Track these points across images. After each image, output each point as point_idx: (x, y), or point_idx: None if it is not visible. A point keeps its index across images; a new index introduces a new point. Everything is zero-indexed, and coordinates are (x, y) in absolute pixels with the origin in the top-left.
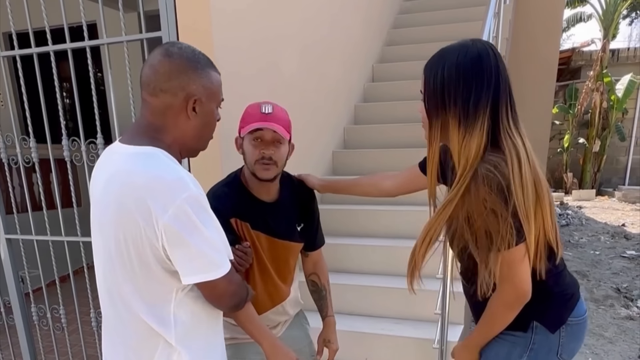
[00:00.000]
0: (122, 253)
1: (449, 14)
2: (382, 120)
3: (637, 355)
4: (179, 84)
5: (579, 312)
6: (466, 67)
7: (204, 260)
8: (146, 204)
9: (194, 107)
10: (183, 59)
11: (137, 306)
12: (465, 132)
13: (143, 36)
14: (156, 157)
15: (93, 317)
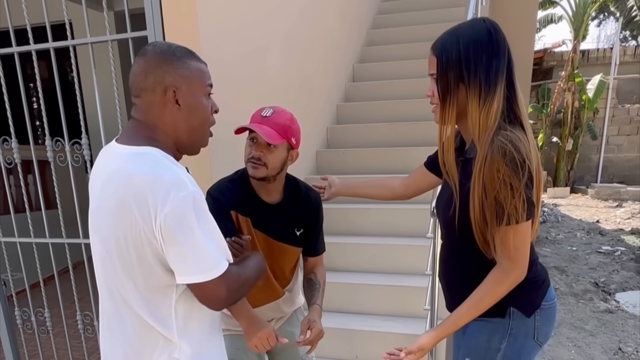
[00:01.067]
0: (122, 252)
1: (427, 14)
2: (363, 120)
3: (617, 347)
4: (154, 79)
5: (550, 297)
6: (483, 38)
7: (196, 262)
8: (145, 203)
9: (176, 100)
10: (156, 55)
11: (138, 304)
12: (486, 101)
13: (129, 35)
14: (154, 157)
15: (79, 320)
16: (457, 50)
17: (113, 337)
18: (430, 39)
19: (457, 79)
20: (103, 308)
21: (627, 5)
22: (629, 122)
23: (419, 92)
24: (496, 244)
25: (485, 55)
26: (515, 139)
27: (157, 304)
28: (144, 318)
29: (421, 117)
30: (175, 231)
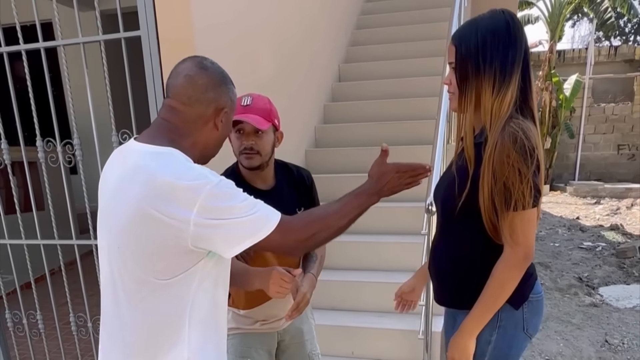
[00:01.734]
0: (139, 250)
1: (409, 15)
2: (351, 119)
3: (603, 339)
4: (213, 96)
5: (538, 290)
6: (501, 29)
7: (246, 227)
8: (173, 201)
9: (221, 120)
10: (217, 74)
11: (147, 304)
12: (500, 90)
13: (121, 35)
14: (175, 157)
15: (72, 322)
16: (475, 39)
17: (113, 338)
18: (413, 39)
19: (474, 68)
20: (105, 307)
21: (601, 7)
22: (605, 121)
23: (405, 92)
24: (504, 230)
25: (502, 46)
26: (526, 128)
27: (170, 304)
28: (151, 318)
29: (408, 116)
30: (214, 220)
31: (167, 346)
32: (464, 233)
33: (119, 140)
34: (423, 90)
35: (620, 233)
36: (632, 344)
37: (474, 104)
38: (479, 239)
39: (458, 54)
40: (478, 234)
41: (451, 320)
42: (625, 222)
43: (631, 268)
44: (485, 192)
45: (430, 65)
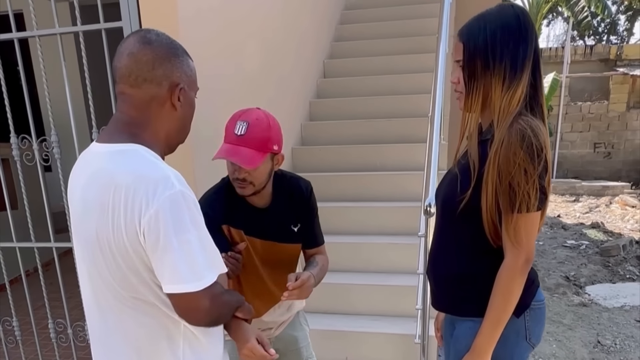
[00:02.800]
0: (108, 259)
1: (394, 10)
2: (337, 117)
3: (596, 340)
4: (163, 72)
5: (540, 297)
6: (511, 23)
7: (184, 269)
8: (129, 204)
9: (179, 97)
10: (163, 46)
11: (132, 317)
12: (510, 87)
13: (101, 26)
14: (138, 154)
15: (51, 328)
16: (484, 35)
17: (108, 350)
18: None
19: (483, 65)
20: (92, 324)
21: (578, 6)
22: (581, 119)
23: (393, 89)
24: (507, 232)
25: (513, 41)
26: (535, 126)
27: (152, 314)
28: (138, 339)
29: (397, 113)
30: (161, 234)
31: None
32: (465, 235)
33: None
34: (412, 88)
35: (602, 231)
36: (624, 344)
37: (481, 103)
38: (481, 241)
39: (466, 51)
40: (480, 236)
41: (450, 327)
42: (606, 220)
43: (616, 267)
44: (489, 191)
45: (418, 62)
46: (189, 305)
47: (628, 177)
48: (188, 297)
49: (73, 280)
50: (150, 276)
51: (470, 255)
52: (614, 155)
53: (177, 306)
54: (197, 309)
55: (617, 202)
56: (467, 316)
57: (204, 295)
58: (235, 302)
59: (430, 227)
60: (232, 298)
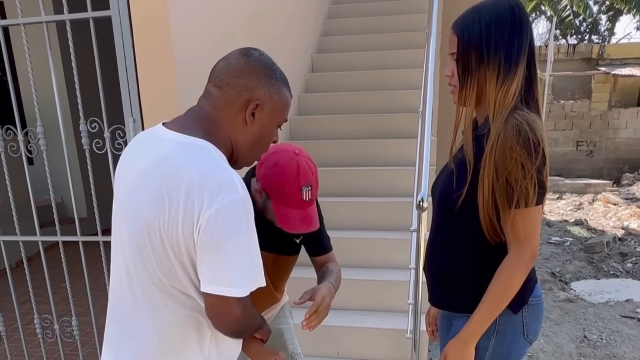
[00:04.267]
0: (157, 246)
1: (383, 5)
2: (325, 111)
3: (582, 335)
4: (247, 83)
5: (537, 293)
6: (506, 16)
7: (229, 272)
8: (191, 199)
9: (253, 112)
10: (260, 64)
11: (169, 312)
12: (505, 81)
13: (89, 15)
14: (209, 152)
15: (37, 323)
16: (478, 28)
17: (127, 336)
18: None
19: (478, 59)
20: (115, 302)
21: (561, 5)
22: (564, 118)
23: (382, 84)
24: (507, 229)
25: (508, 34)
26: (531, 120)
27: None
28: (168, 326)
29: (386, 109)
30: (217, 234)
31: (184, 356)
32: (463, 231)
33: (88, 129)
34: (400, 83)
35: (585, 228)
36: (610, 339)
37: (475, 96)
38: (478, 237)
39: (460, 43)
40: (478, 232)
41: (446, 324)
42: (589, 217)
43: (600, 263)
44: (486, 187)
45: (407, 57)
46: (223, 309)
47: (609, 175)
48: (225, 300)
49: (58, 276)
50: (194, 270)
51: (467, 252)
52: (596, 153)
53: (211, 307)
54: (229, 314)
55: (600, 200)
56: (464, 312)
57: (238, 302)
58: (261, 320)
59: (422, 222)
60: (259, 316)
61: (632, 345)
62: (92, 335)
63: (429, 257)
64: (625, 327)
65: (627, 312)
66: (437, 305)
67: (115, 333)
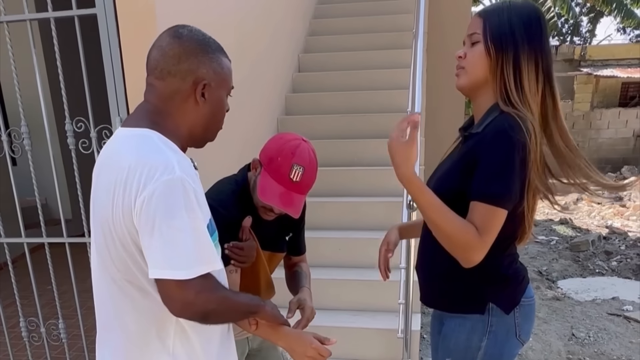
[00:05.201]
0: (110, 240)
1: (369, 6)
2: (313, 111)
3: (570, 333)
4: (188, 67)
5: (529, 294)
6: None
7: (169, 255)
8: (129, 186)
9: (203, 93)
10: (193, 42)
11: (130, 305)
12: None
13: (74, 13)
14: (148, 139)
15: (23, 326)
16: (507, 16)
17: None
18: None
19: (509, 42)
20: (97, 309)
21: (545, 7)
22: None
23: (370, 84)
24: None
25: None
26: (523, 117)
27: (155, 301)
28: (134, 322)
29: (372, 109)
30: (152, 217)
31: (148, 355)
32: None
33: (74, 128)
34: (387, 83)
35: (570, 227)
36: (597, 336)
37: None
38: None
39: (491, 25)
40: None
41: (437, 323)
42: (574, 216)
43: (586, 261)
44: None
45: (393, 57)
46: (168, 294)
47: None
48: (167, 284)
49: (43, 278)
50: (143, 260)
51: None
52: None
53: (160, 292)
54: (175, 298)
55: (584, 199)
56: (455, 312)
57: (185, 286)
58: (246, 305)
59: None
60: (240, 299)
61: (619, 342)
62: (80, 338)
63: (421, 255)
64: (612, 325)
65: (614, 309)
66: (428, 304)
67: (99, 336)
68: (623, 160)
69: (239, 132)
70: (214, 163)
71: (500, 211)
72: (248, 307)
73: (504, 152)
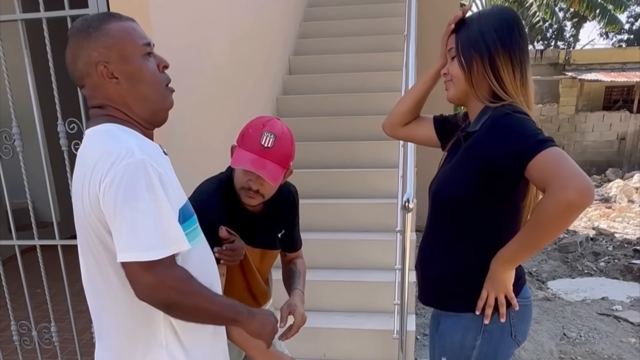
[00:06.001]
0: (88, 234)
1: (356, 9)
2: (304, 114)
3: (562, 333)
4: (83, 61)
5: (526, 295)
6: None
7: (130, 237)
8: (95, 178)
9: (109, 73)
10: (75, 35)
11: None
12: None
13: (67, 13)
14: (108, 132)
15: (14, 330)
16: (477, 26)
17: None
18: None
19: (476, 55)
20: (91, 306)
21: (530, 11)
22: None
23: (360, 86)
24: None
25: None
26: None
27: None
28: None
29: (364, 111)
30: (114, 201)
31: (142, 349)
32: (457, 231)
33: (66, 129)
34: (378, 85)
35: None
36: (588, 336)
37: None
38: (473, 237)
39: (457, 41)
40: (473, 231)
41: (435, 323)
42: None
43: (574, 262)
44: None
45: (384, 60)
46: (132, 276)
47: None
48: (131, 267)
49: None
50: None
51: (460, 251)
52: None
53: (127, 276)
54: (138, 281)
55: None
56: (452, 311)
57: (148, 269)
58: (223, 309)
59: (408, 222)
60: (216, 301)
61: (609, 342)
62: (72, 342)
63: (421, 255)
64: (602, 325)
65: (603, 309)
66: (426, 303)
67: (96, 333)
68: (607, 163)
69: (230, 134)
70: (204, 166)
71: (555, 149)
72: (226, 312)
73: (515, 120)
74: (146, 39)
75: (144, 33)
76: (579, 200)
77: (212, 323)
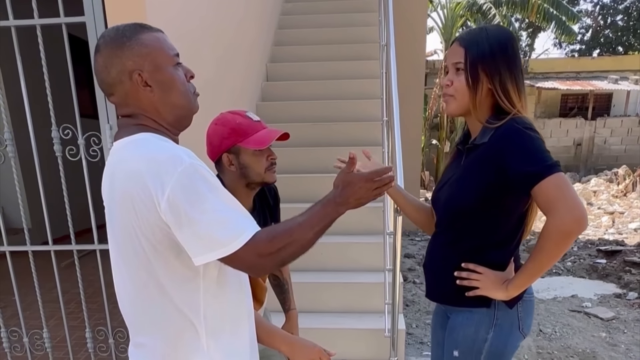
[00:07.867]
0: (137, 245)
1: (330, 18)
2: (283, 120)
3: (538, 329)
4: (116, 70)
5: (530, 290)
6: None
7: (211, 237)
8: (146, 188)
9: (143, 82)
10: (108, 44)
11: (163, 306)
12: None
13: (62, 20)
14: (147, 140)
15: (4, 336)
16: (488, 44)
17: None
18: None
19: (484, 72)
20: (132, 315)
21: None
22: None
23: (334, 93)
24: (541, 206)
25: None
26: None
27: (183, 299)
28: (162, 325)
29: (342, 117)
30: (182, 211)
31: (183, 353)
32: (467, 233)
33: (61, 135)
34: (354, 93)
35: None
36: (562, 331)
37: (473, 104)
38: (484, 238)
39: (468, 56)
40: (483, 233)
41: (441, 318)
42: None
43: None
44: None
45: (358, 68)
46: (238, 269)
47: None
48: (234, 258)
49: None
50: (176, 259)
51: (471, 252)
52: None
53: (234, 267)
54: (247, 268)
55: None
56: (463, 306)
57: (247, 250)
58: (316, 218)
59: (398, 225)
60: (305, 223)
61: (582, 336)
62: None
63: (430, 254)
64: (574, 321)
65: (574, 306)
66: (435, 300)
67: (132, 342)
68: (565, 168)
69: None
70: None
71: (560, 175)
72: (322, 220)
73: (528, 139)
74: (175, 50)
75: (172, 44)
76: (577, 230)
77: (322, 233)
